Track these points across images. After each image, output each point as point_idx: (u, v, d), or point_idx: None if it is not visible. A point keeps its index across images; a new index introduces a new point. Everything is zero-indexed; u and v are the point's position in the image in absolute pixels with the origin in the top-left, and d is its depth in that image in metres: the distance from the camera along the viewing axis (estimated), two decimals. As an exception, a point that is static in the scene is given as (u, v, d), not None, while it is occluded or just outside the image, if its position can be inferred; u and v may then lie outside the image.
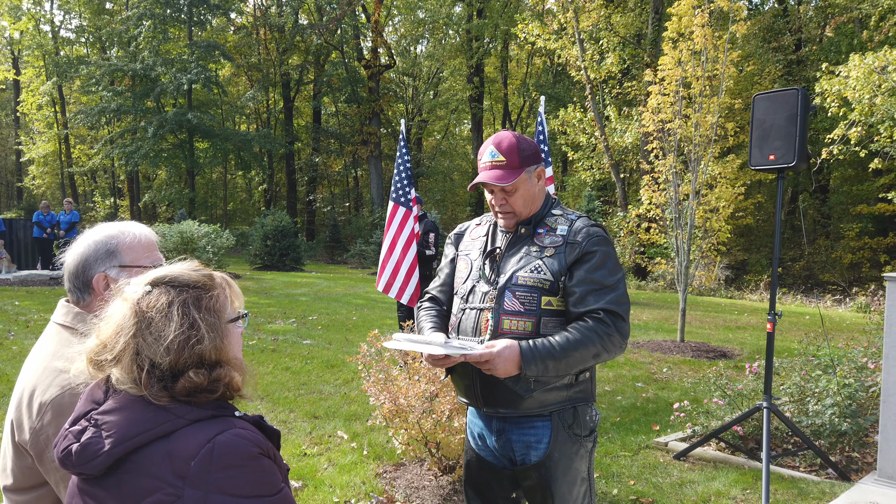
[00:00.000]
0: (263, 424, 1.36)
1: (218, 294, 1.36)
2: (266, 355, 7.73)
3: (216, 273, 1.42)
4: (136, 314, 1.27)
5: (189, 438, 1.23)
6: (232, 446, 1.23)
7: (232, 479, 1.21)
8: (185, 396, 1.26)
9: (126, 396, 1.27)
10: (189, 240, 15.56)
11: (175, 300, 1.28)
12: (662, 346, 8.93)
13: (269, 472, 1.27)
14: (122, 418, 1.24)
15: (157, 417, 1.24)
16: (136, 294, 1.30)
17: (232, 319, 1.38)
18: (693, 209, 8.81)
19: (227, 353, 1.33)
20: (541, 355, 2.01)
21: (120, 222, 1.84)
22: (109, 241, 1.75)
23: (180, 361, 1.25)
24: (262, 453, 1.27)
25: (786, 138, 4.11)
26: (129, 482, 1.22)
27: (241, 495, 1.22)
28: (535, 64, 33.17)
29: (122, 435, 1.22)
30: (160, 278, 1.32)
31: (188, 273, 1.35)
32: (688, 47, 8.66)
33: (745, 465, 4.52)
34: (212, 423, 1.26)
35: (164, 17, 28.56)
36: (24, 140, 37.23)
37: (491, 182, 2.15)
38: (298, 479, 4.13)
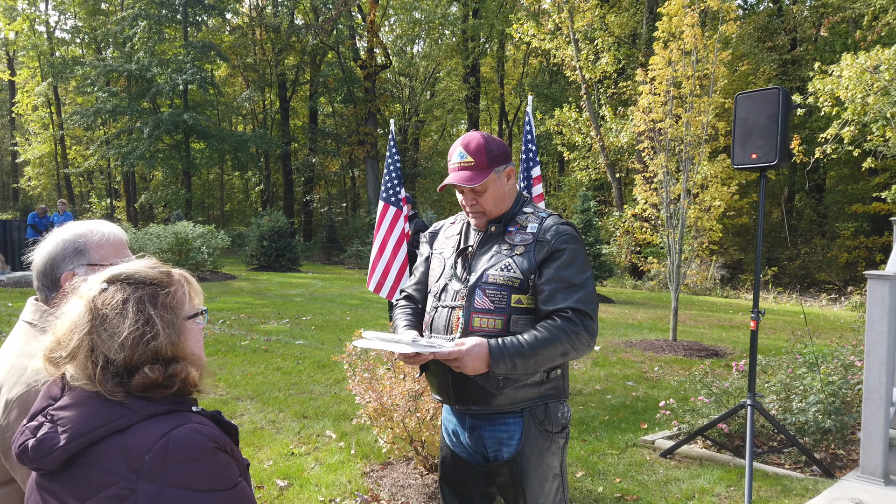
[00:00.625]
0: (221, 419, 1.37)
1: (175, 291, 1.37)
2: (258, 355, 7.74)
3: (175, 270, 1.43)
4: (90, 311, 1.28)
5: (144, 433, 1.24)
6: (187, 441, 1.24)
7: (186, 473, 1.22)
8: (141, 392, 1.28)
9: (82, 392, 1.28)
10: (184, 241, 15.56)
11: (131, 297, 1.30)
12: (655, 345, 8.96)
13: (225, 466, 1.29)
14: (78, 414, 1.25)
15: (112, 413, 1.25)
16: (92, 291, 1.31)
17: (190, 316, 1.39)
18: (685, 209, 8.83)
19: (184, 349, 1.34)
20: (509, 353, 2.03)
21: (89, 221, 1.85)
22: (77, 239, 1.76)
23: (135, 357, 1.27)
24: (217, 448, 1.28)
25: (767, 137, 4.13)
26: (85, 477, 1.23)
27: (196, 489, 1.23)
28: (531, 64, 33.19)
29: (77, 430, 1.23)
30: (116, 275, 1.33)
31: (145, 270, 1.36)
32: (678, 47, 8.69)
33: (731, 462, 4.55)
34: (167, 418, 1.27)
35: (160, 17, 28.54)
36: (20, 141, 37.18)
37: (459, 183, 2.17)
38: (285, 479, 4.14)
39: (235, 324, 9.90)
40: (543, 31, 20.04)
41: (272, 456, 4.57)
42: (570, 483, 4.23)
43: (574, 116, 20.25)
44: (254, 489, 3.91)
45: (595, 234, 15.83)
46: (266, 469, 4.32)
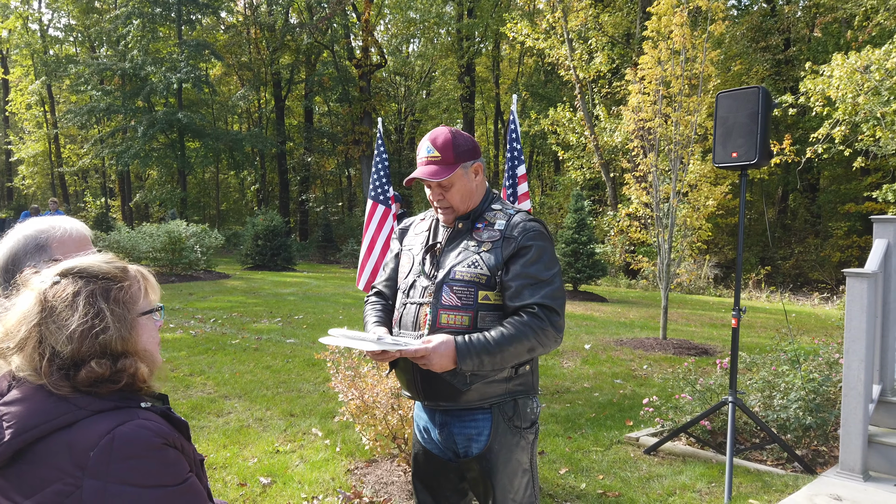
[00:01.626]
0: (171, 415, 1.38)
1: (129, 286, 1.38)
2: (248, 354, 7.75)
3: (131, 266, 1.44)
4: (40, 303, 1.29)
5: (90, 429, 1.25)
6: (133, 437, 1.25)
7: (132, 469, 1.23)
8: (88, 387, 1.28)
9: (29, 388, 1.29)
10: (177, 240, 15.53)
11: (82, 290, 1.31)
12: (644, 343, 8.99)
13: (174, 462, 1.29)
14: (23, 409, 1.26)
15: (57, 408, 1.26)
16: (44, 284, 1.32)
17: (145, 312, 1.40)
18: (674, 208, 8.87)
19: (135, 345, 1.35)
20: (476, 350, 2.04)
21: (52, 217, 1.86)
22: (39, 235, 1.76)
23: (82, 350, 1.27)
24: (166, 444, 1.28)
25: (747, 136, 4.16)
26: (30, 472, 1.24)
27: (142, 485, 1.23)
28: (525, 63, 33.22)
29: (21, 426, 1.24)
30: (70, 269, 1.34)
31: (99, 264, 1.37)
32: (668, 46, 8.72)
33: (713, 459, 4.58)
34: (114, 414, 1.28)
35: (153, 15, 28.48)
36: (14, 140, 37.09)
37: (425, 178, 2.19)
38: (268, 476, 4.16)
39: (227, 322, 9.91)
40: (538, 30, 20.08)
41: (257, 454, 4.59)
42: (552, 479, 4.25)
43: (568, 116, 20.29)
44: (236, 486, 3.94)
45: (589, 233, 15.84)
46: (250, 466, 4.34)
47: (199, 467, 1.45)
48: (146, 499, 1.24)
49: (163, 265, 15.87)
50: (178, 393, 6.07)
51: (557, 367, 7.55)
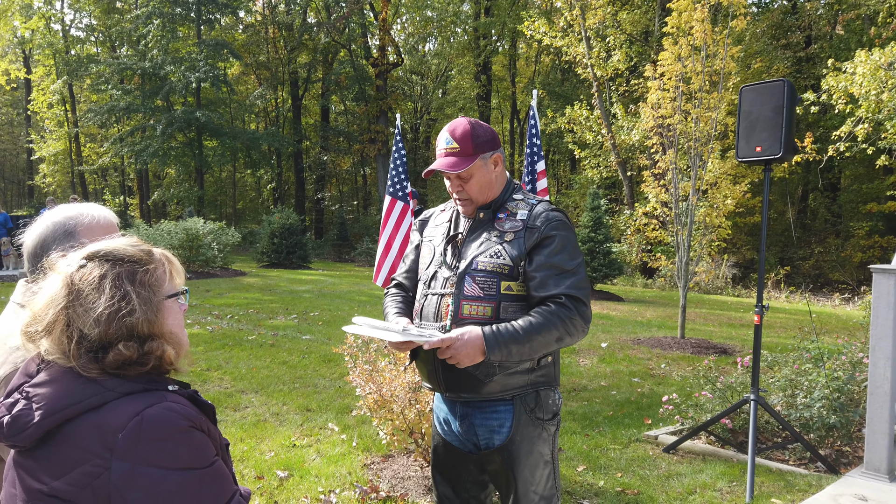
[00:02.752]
0: (198, 399, 1.38)
1: (154, 269, 1.37)
2: (265, 350, 7.78)
3: (156, 249, 1.43)
4: (67, 286, 1.29)
5: (118, 411, 1.24)
6: (161, 419, 1.24)
7: (160, 451, 1.23)
8: (116, 369, 1.28)
9: (57, 370, 1.29)
10: (194, 237, 15.65)
11: (108, 273, 1.30)
12: (662, 342, 8.91)
13: (200, 445, 1.29)
14: (53, 391, 1.26)
15: (86, 390, 1.26)
16: (71, 268, 1.32)
17: (170, 295, 1.39)
18: (693, 205, 8.77)
19: (161, 327, 1.34)
20: (504, 340, 2.01)
21: (80, 204, 1.86)
22: (68, 222, 1.77)
23: (110, 333, 1.27)
24: (192, 426, 1.28)
25: (772, 130, 4.09)
26: (59, 454, 1.24)
27: (170, 467, 1.23)
28: (542, 62, 33.09)
29: (51, 407, 1.24)
30: (95, 252, 1.34)
31: (125, 247, 1.36)
32: (688, 42, 8.62)
33: (734, 458, 4.51)
34: (142, 396, 1.28)
35: (173, 15, 28.69)
36: (35, 138, 37.56)
37: (444, 169, 2.16)
38: (285, 469, 4.16)
39: (243, 319, 9.95)
40: (555, 28, 19.98)
41: (274, 447, 4.59)
42: (571, 477, 4.21)
43: (585, 114, 20.17)
44: (253, 479, 3.94)
45: (605, 232, 15.75)
46: (267, 460, 4.34)
47: (224, 451, 1.45)
48: (173, 480, 1.24)
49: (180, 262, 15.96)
50: (195, 387, 6.07)
51: (574, 365, 7.50)
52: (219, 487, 1.30)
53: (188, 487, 1.25)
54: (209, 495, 1.28)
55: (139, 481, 1.21)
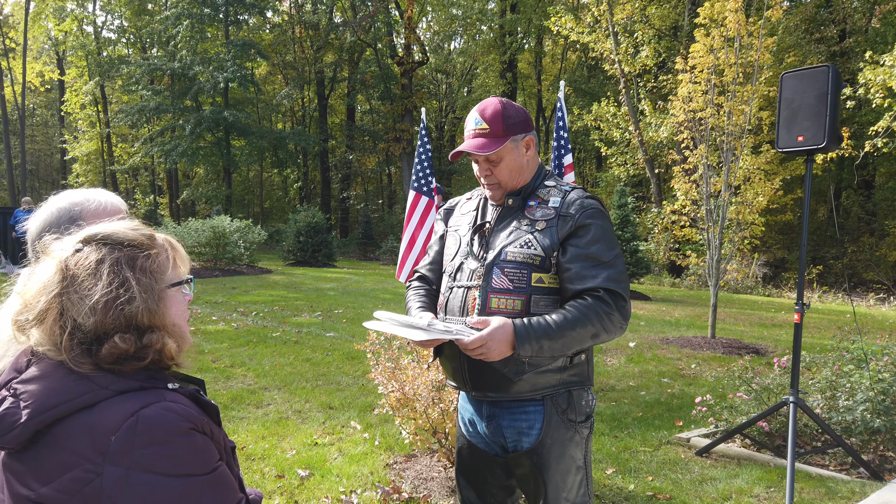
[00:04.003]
0: (200, 398, 1.26)
1: (157, 254, 1.26)
2: (288, 347, 7.73)
3: (159, 234, 1.33)
4: (61, 272, 1.19)
5: (112, 411, 1.13)
6: (158, 421, 1.14)
7: (157, 455, 1.12)
8: (111, 364, 1.18)
9: (48, 365, 1.18)
10: (221, 235, 15.73)
11: (106, 258, 1.20)
12: (692, 342, 8.68)
13: (202, 449, 1.18)
14: (42, 388, 1.15)
15: (78, 387, 1.15)
16: (66, 252, 1.22)
17: (174, 284, 1.29)
18: (725, 202, 8.53)
19: (163, 318, 1.24)
20: (536, 334, 1.88)
21: (86, 189, 1.78)
22: (73, 208, 1.69)
23: (106, 323, 1.16)
24: (193, 429, 1.17)
25: (815, 118, 3.89)
26: (48, 457, 1.13)
27: (168, 473, 1.12)
28: (569, 59, 32.79)
29: (39, 405, 1.13)
30: (92, 235, 1.24)
31: (124, 231, 1.26)
32: (720, 34, 8.39)
33: (771, 462, 4.32)
34: (139, 395, 1.17)
35: (202, 16, 28.97)
36: (68, 139, 38.22)
37: (472, 151, 2.03)
38: (306, 468, 4.07)
39: (268, 316, 9.94)
40: (582, 24, 19.72)
41: (295, 446, 4.51)
42: (599, 480, 4.07)
43: (612, 111, 19.88)
44: (274, 478, 3.86)
45: (632, 230, 15.50)
46: (288, 458, 4.26)
47: (229, 455, 1.32)
48: (172, 488, 1.13)
49: (207, 260, 16.10)
50: (218, 384, 6.06)
51: (601, 365, 7.33)
52: (222, 495, 1.19)
53: (188, 496, 1.14)
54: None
55: (134, 488, 1.10)
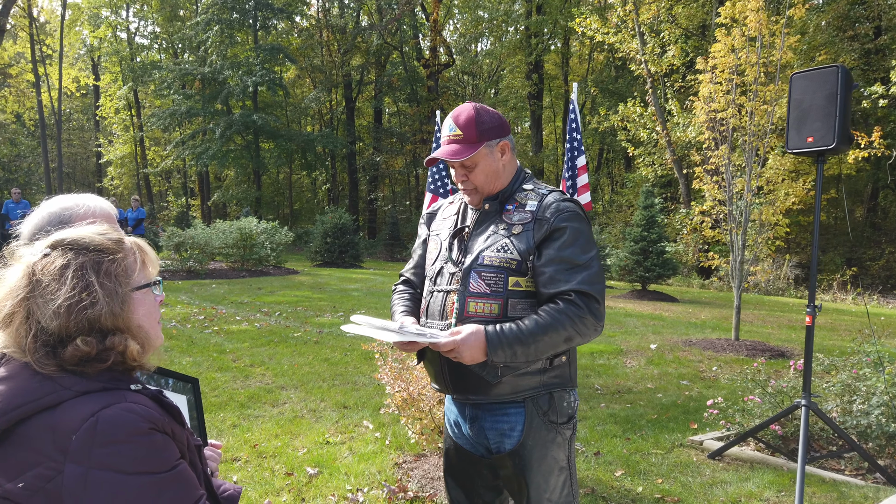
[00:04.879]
0: (162, 399, 1.31)
1: (122, 258, 1.31)
2: (308, 347, 7.83)
3: (128, 238, 1.38)
4: (28, 276, 1.24)
5: (73, 411, 1.19)
6: (117, 421, 1.18)
7: (115, 454, 1.17)
8: (75, 366, 1.23)
9: (15, 366, 1.24)
10: (248, 236, 15.98)
11: (72, 262, 1.25)
12: (715, 344, 8.57)
13: (161, 448, 1.23)
14: (7, 388, 1.21)
15: (42, 388, 1.20)
16: (34, 257, 1.27)
17: (140, 286, 1.34)
18: (748, 202, 8.41)
19: (127, 321, 1.28)
20: (508, 341, 1.90)
21: (77, 195, 1.85)
22: (63, 212, 1.75)
23: (69, 326, 1.22)
24: (153, 428, 1.22)
25: (825, 119, 3.84)
26: (13, 455, 1.19)
27: (127, 471, 1.17)
28: (595, 59, 32.57)
29: (5, 405, 1.19)
30: (60, 241, 1.29)
31: (91, 235, 1.31)
32: (742, 33, 8.28)
33: (785, 466, 4.27)
34: (100, 395, 1.22)
35: (231, 21, 29.47)
36: (103, 142, 39.15)
37: (445, 157, 2.06)
38: (316, 466, 4.14)
39: (291, 316, 10.07)
40: (608, 25, 19.58)
41: (307, 444, 4.59)
42: (607, 482, 4.06)
43: (639, 111, 19.70)
44: (283, 475, 3.93)
45: (659, 231, 15.33)
46: (299, 457, 4.33)
47: (194, 453, 1.37)
48: (131, 486, 1.17)
49: (234, 260, 16.37)
50: (237, 382, 6.17)
51: (620, 367, 7.29)
52: (181, 492, 1.24)
53: (146, 493, 1.19)
54: (170, 501, 1.21)
55: (93, 486, 1.15)
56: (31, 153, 36.08)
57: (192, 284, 13.82)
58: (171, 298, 11.59)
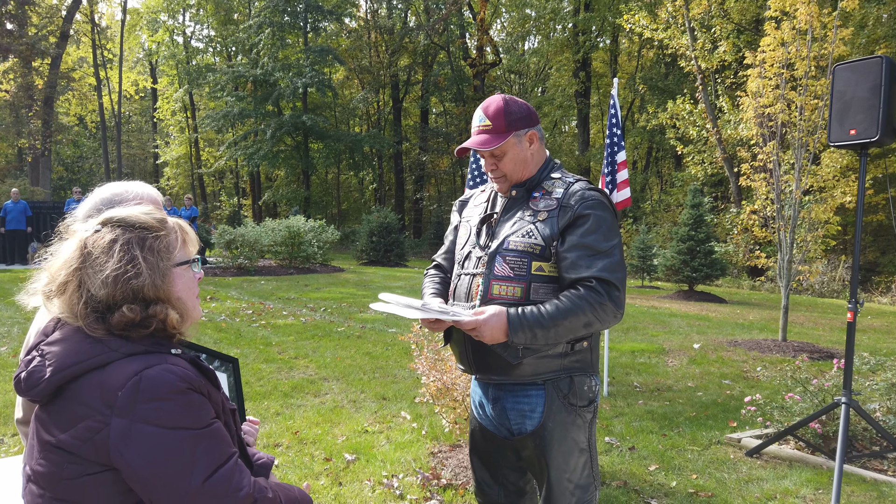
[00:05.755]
0: (199, 363, 1.44)
1: (165, 236, 1.44)
2: (351, 341, 8.00)
3: (171, 219, 1.51)
4: (80, 249, 1.38)
5: (120, 370, 1.32)
6: (158, 380, 1.31)
7: (156, 410, 1.29)
8: (121, 330, 1.36)
9: (69, 329, 1.38)
10: (295, 234, 16.33)
11: (119, 238, 1.39)
12: (761, 345, 8.40)
13: (198, 406, 1.35)
14: (63, 349, 1.35)
15: (92, 349, 1.34)
16: (87, 232, 1.41)
17: (181, 262, 1.47)
18: (797, 199, 8.22)
19: (168, 293, 1.41)
20: (528, 323, 1.97)
21: (127, 182, 2.00)
22: (114, 198, 1.91)
23: (115, 295, 1.35)
24: (190, 388, 1.34)
25: (868, 111, 3.76)
26: (67, 408, 1.32)
27: (166, 426, 1.30)
28: (644, 56, 32.09)
29: (60, 364, 1.33)
30: (110, 218, 1.43)
31: (138, 215, 1.44)
32: (792, 26, 8.10)
33: (824, 465, 4.19)
34: (144, 357, 1.35)
35: (283, 24, 30.10)
36: (160, 144, 40.48)
37: (475, 147, 2.13)
38: (353, 453, 4.26)
39: (335, 312, 10.28)
40: (658, 21, 19.29)
41: (346, 432, 4.72)
42: (640, 475, 4.07)
43: (688, 108, 19.35)
44: (322, 461, 4.06)
45: (707, 230, 15.05)
46: (338, 444, 4.47)
47: (228, 416, 1.49)
48: (169, 439, 1.30)
49: (282, 258, 16.75)
50: (281, 373, 6.37)
51: (661, 366, 7.22)
52: (214, 448, 1.35)
53: (183, 446, 1.31)
54: (204, 455, 1.33)
55: (136, 438, 1.28)
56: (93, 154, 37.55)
57: (241, 281, 14.22)
58: (222, 294, 11.96)
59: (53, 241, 1.47)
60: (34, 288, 1.45)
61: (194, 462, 1.31)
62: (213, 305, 10.58)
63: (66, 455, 1.32)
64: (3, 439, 4.46)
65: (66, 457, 1.32)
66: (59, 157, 40.55)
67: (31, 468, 1.39)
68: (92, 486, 1.32)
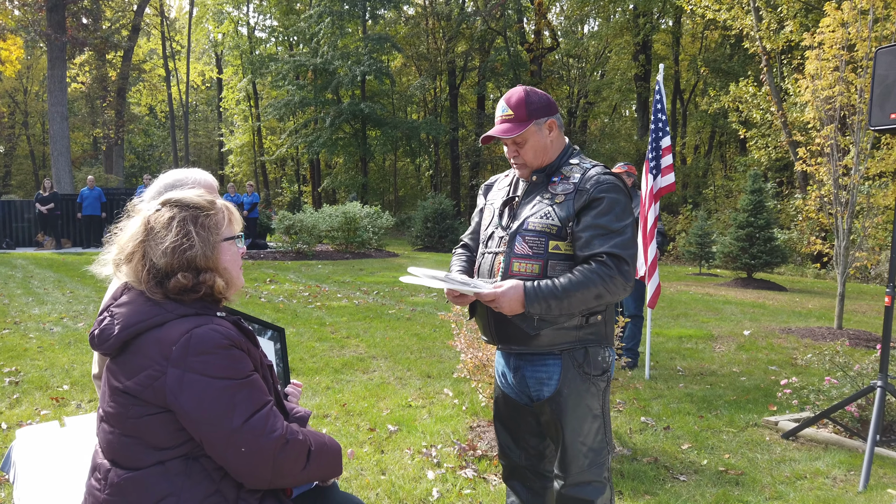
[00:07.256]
0: (241, 325, 1.70)
1: (215, 215, 1.71)
2: (400, 322, 8.29)
3: (220, 200, 1.77)
4: (144, 225, 1.66)
5: (174, 328, 1.59)
6: (206, 337, 1.57)
7: (204, 362, 1.56)
8: (176, 295, 1.63)
9: (134, 293, 1.66)
10: (352, 220, 16.77)
11: (177, 216, 1.66)
12: (814, 332, 8.27)
13: (238, 360, 1.60)
14: (129, 310, 1.63)
15: (152, 311, 1.61)
16: (150, 211, 1.69)
17: (227, 238, 1.72)
18: (856, 185, 8.02)
19: (216, 263, 1.68)
20: (543, 294, 2.15)
21: (188, 169, 2.29)
22: (175, 183, 2.20)
23: (173, 264, 1.62)
24: (232, 345, 1.60)
25: (908, 94, 3.74)
26: (131, 360, 1.60)
27: (212, 376, 1.56)
28: (708, 38, 31.19)
29: (126, 322, 1.61)
30: (169, 199, 1.71)
31: (192, 197, 1.72)
32: (852, 6, 7.87)
33: (860, 448, 4.20)
34: (194, 318, 1.62)
35: (342, 13, 30.57)
36: (225, 132, 41.81)
37: (498, 135, 2.32)
38: (396, 425, 4.51)
39: (388, 295, 10.60)
40: (722, 0, 18.77)
41: (391, 406, 4.98)
42: (672, 453, 4.18)
43: (752, 91, 18.80)
44: (367, 430, 4.33)
45: (766, 217, 14.70)
46: (383, 416, 4.73)
47: (265, 370, 1.75)
48: (214, 387, 1.56)
49: (339, 243, 17.24)
50: (333, 351, 6.69)
51: (707, 351, 7.23)
52: (252, 396, 1.61)
53: (226, 393, 1.57)
54: (243, 401, 1.58)
55: (187, 385, 1.55)
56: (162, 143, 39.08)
57: (300, 264, 14.75)
58: (281, 277, 12.45)
59: (122, 219, 1.74)
60: (105, 259, 1.73)
61: (235, 406, 1.57)
62: (272, 287, 11.06)
63: (131, 399, 1.59)
64: (80, 404, 4.90)
65: (131, 400, 1.59)
66: (131, 145, 42.50)
67: (103, 410, 1.68)
68: (152, 424, 1.59)
